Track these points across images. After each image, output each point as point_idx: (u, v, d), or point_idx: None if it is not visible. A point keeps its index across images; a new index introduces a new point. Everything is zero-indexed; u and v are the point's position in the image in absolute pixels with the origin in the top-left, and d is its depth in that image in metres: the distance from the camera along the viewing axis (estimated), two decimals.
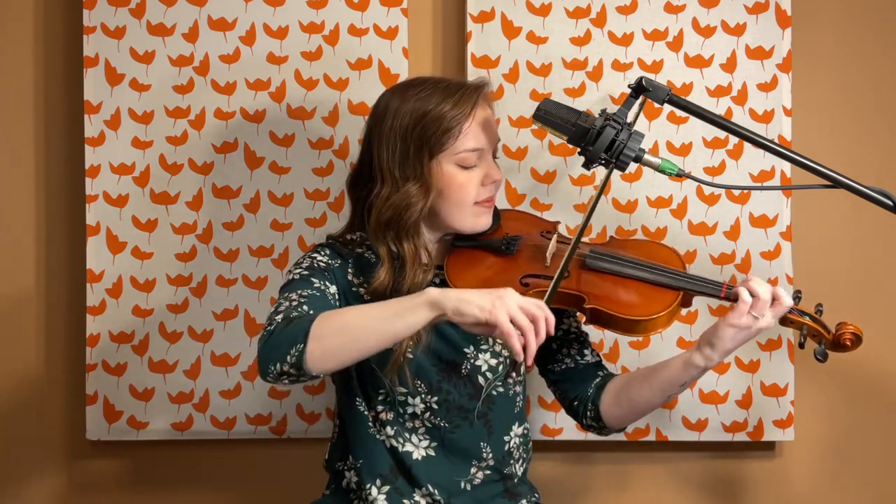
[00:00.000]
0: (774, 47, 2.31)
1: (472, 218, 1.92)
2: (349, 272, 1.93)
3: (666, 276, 1.89)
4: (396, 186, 1.87)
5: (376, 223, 1.88)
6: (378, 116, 1.91)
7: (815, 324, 1.85)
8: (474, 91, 1.90)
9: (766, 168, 2.31)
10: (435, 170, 1.87)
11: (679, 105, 1.85)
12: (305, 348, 1.64)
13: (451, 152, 1.87)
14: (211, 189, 2.30)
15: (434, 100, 1.87)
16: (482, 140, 1.90)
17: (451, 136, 1.86)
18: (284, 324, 1.71)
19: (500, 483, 1.96)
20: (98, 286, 2.29)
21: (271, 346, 1.69)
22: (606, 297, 1.86)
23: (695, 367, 1.87)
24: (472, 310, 1.64)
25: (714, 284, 1.86)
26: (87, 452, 2.37)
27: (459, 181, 1.89)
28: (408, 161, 1.86)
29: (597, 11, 2.31)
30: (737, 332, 1.82)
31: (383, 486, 1.90)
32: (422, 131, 1.86)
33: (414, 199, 1.86)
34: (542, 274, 1.89)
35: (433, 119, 1.86)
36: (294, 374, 1.67)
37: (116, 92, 2.29)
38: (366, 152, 1.94)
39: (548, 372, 2.05)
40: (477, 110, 1.89)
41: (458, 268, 1.91)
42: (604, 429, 1.99)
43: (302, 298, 1.80)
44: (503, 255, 1.94)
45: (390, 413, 1.91)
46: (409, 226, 1.87)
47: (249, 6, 2.30)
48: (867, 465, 2.40)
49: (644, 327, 1.85)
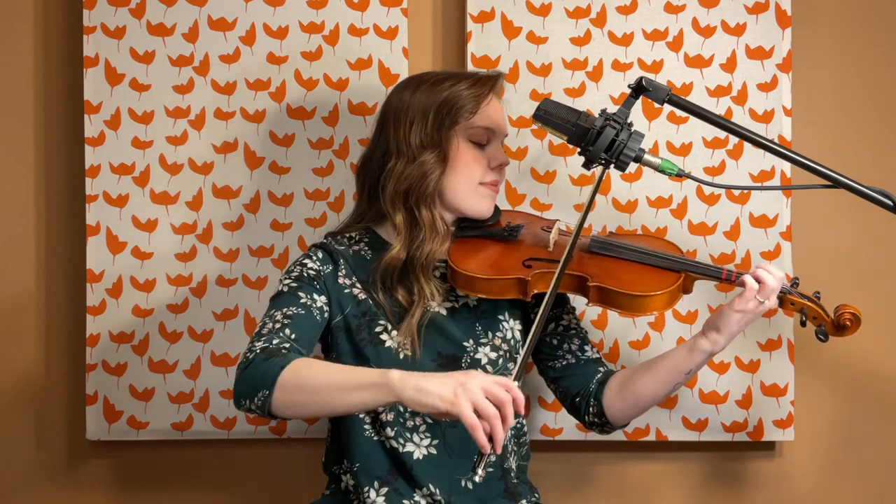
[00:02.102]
0: (774, 47, 2.31)
1: (477, 198, 1.97)
2: (340, 275, 1.94)
3: (668, 260, 1.94)
4: (413, 157, 1.92)
5: (393, 193, 1.93)
6: (393, 101, 1.98)
7: (815, 305, 1.91)
8: (491, 78, 1.98)
9: (766, 168, 2.31)
10: (452, 140, 1.93)
11: (679, 105, 1.86)
12: (271, 396, 1.70)
13: (465, 126, 1.94)
14: (211, 189, 2.30)
15: (451, 81, 1.95)
16: (495, 123, 1.97)
17: (467, 110, 1.93)
18: (263, 357, 1.74)
19: (500, 481, 1.96)
20: (98, 286, 2.29)
21: (244, 383, 1.74)
22: (609, 275, 1.90)
23: (700, 351, 1.90)
24: (432, 400, 1.59)
25: (715, 268, 1.92)
26: (87, 452, 2.37)
27: (469, 156, 1.95)
28: (426, 131, 1.92)
29: (597, 11, 2.31)
30: (743, 317, 1.88)
31: (382, 488, 1.91)
32: (441, 105, 1.93)
33: (430, 167, 1.92)
34: (544, 257, 1.93)
35: (452, 96, 1.93)
36: (260, 414, 1.73)
37: (116, 92, 2.29)
38: (378, 135, 1.99)
39: (548, 369, 2.05)
40: (492, 96, 1.97)
41: (461, 253, 1.95)
42: (606, 425, 1.99)
43: (286, 320, 1.84)
44: (506, 241, 1.98)
45: (390, 413, 1.91)
46: (427, 194, 1.92)
47: (249, 6, 2.30)
48: (867, 464, 2.39)
49: (646, 305, 1.88)
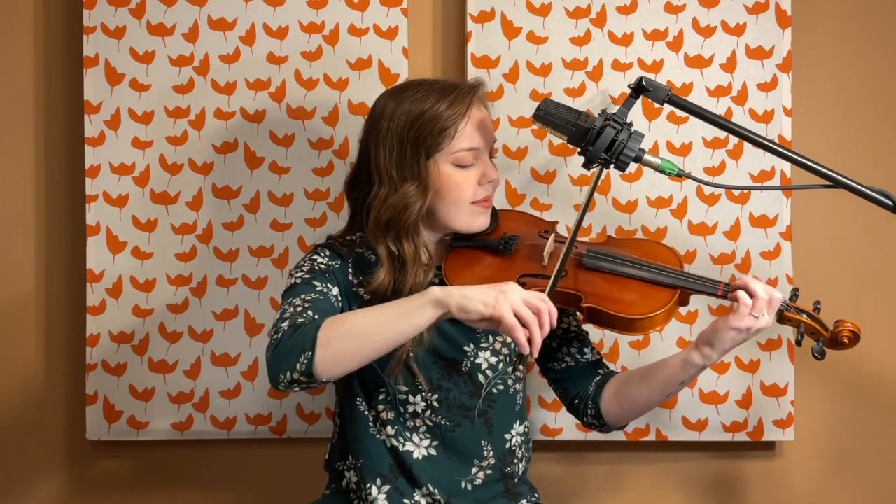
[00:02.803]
0: (774, 47, 2.31)
1: (470, 217, 1.92)
2: (349, 272, 1.93)
3: (663, 275, 1.88)
4: (394, 187, 1.87)
5: (375, 224, 1.88)
6: (375, 119, 1.92)
7: (813, 321, 1.85)
8: (469, 91, 1.91)
9: (766, 168, 2.31)
10: (432, 169, 1.88)
11: (679, 105, 1.85)
12: (314, 356, 1.66)
13: (447, 152, 1.88)
14: (211, 189, 2.30)
15: (430, 100, 1.87)
16: (478, 140, 1.90)
17: (447, 135, 1.87)
18: (291, 331, 1.71)
19: (500, 483, 1.96)
20: (98, 286, 2.29)
21: (280, 355, 1.70)
22: (604, 295, 1.86)
23: (693, 366, 1.88)
24: (475, 306, 1.67)
25: (711, 283, 1.87)
26: (87, 452, 2.37)
27: (456, 180, 1.89)
28: (405, 161, 1.87)
29: (597, 11, 2.31)
30: (737, 334, 1.83)
31: (383, 486, 1.90)
32: (418, 131, 1.86)
33: (412, 199, 1.87)
34: (539, 273, 1.89)
35: (429, 119, 1.86)
36: (305, 381, 1.69)
37: (116, 92, 2.29)
38: (363, 155, 1.95)
39: (548, 371, 2.05)
40: (472, 110, 1.90)
41: (456, 267, 1.92)
42: (604, 426, 1.99)
43: (306, 303, 1.81)
44: (501, 255, 1.94)
45: (391, 412, 1.91)
46: (408, 226, 1.87)
47: (249, 6, 2.30)
48: (867, 465, 2.39)
49: (641, 326, 1.85)
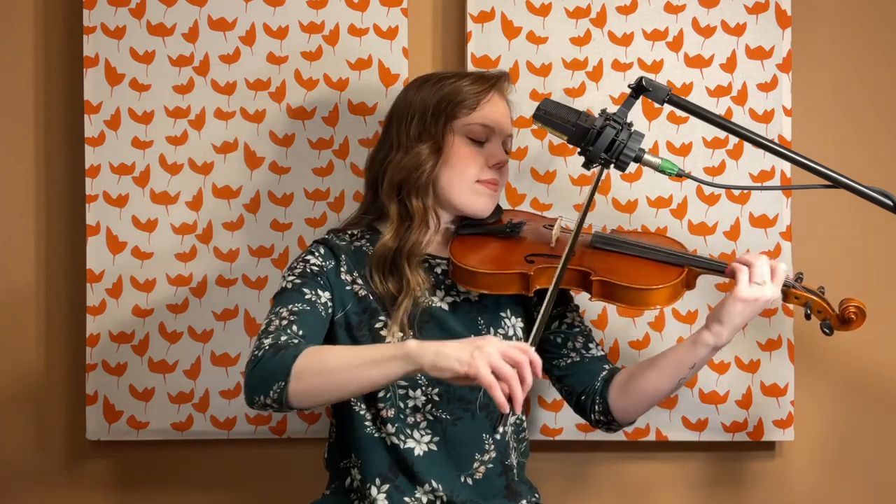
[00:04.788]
0: (774, 47, 2.31)
1: (471, 195, 1.97)
2: (342, 272, 1.95)
3: (671, 256, 1.94)
4: (409, 148, 1.95)
5: (389, 185, 1.96)
6: (398, 100, 2.02)
7: (820, 299, 1.90)
8: (493, 76, 2.01)
9: (766, 168, 2.31)
10: (448, 136, 1.96)
11: (679, 105, 1.86)
12: (287, 387, 1.70)
13: (463, 122, 1.96)
14: (211, 189, 2.30)
15: (455, 78, 1.99)
16: (493, 121, 1.98)
17: (466, 106, 1.96)
18: (272, 352, 1.75)
19: (502, 478, 1.96)
20: (98, 286, 2.29)
21: (257, 377, 1.74)
22: (612, 270, 1.90)
23: (704, 344, 1.88)
24: (450, 363, 1.64)
25: (718, 263, 1.92)
26: (87, 452, 2.37)
27: (466, 152, 1.96)
28: (423, 125, 1.96)
29: (597, 11, 2.31)
30: (745, 307, 1.85)
31: (383, 485, 1.90)
32: (440, 100, 1.96)
33: (424, 158, 1.94)
34: (547, 253, 1.93)
35: (452, 91, 1.96)
36: (277, 408, 1.73)
37: (116, 92, 2.29)
38: (384, 134, 2.03)
39: (553, 367, 2.04)
40: (494, 94, 1.99)
41: (463, 249, 1.96)
42: (612, 423, 1.99)
43: (292, 316, 1.84)
44: (508, 238, 1.99)
45: (391, 410, 1.91)
46: (419, 185, 1.94)
47: (249, 6, 2.30)
48: (867, 464, 2.39)
49: (649, 298, 1.88)
